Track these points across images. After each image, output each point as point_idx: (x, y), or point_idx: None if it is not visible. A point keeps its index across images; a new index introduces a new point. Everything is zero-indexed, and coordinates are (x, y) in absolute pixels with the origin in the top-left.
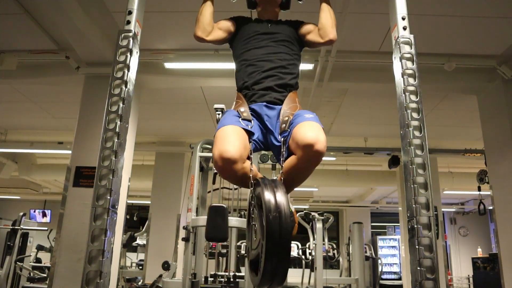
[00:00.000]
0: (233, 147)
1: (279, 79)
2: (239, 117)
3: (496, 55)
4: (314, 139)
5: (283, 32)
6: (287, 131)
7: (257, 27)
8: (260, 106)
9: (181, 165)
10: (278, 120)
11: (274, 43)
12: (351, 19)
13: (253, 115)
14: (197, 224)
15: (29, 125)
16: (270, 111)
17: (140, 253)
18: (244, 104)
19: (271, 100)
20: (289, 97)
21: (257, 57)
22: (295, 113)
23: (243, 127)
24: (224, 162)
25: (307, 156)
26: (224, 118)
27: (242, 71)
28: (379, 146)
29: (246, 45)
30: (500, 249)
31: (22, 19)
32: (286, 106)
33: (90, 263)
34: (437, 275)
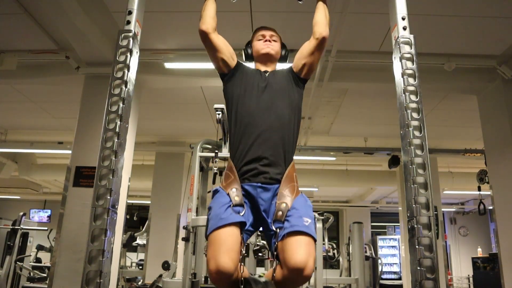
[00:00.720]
0: (229, 259)
1: (275, 146)
2: (229, 204)
3: (496, 55)
4: (302, 264)
5: (282, 80)
6: (281, 222)
7: (254, 76)
8: (254, 187)
9: (181, 165)
10: (273, 201)
11: (272, 97)
12: (351, 19)
13: (246, 195)
14: (197, 224)
15: (29, 125)
16: (265, 194)
17: (140, 253)
18: (235, 181)
19: (266, 181)
20: (287, 175)
21: (252, 116)
22: (293, 203)
23: (235, 220)
24: (221, 276)
25: (292, 277)
26: (215, 209)
27: (235, 133)
28: (379, 146)
29: (240, 98)
30: (500, 249)
31: (22, 19)
32: (284, 188)
33: (90, 263)
34: (437, 275)
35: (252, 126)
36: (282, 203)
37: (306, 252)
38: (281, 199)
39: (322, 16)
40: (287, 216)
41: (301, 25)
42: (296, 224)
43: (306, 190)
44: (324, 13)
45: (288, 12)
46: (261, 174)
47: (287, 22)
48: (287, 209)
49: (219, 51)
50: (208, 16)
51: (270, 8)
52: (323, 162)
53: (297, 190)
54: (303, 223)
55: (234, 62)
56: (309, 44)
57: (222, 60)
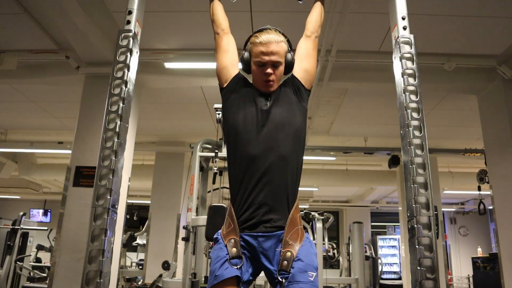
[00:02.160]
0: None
1: (277, 190)
2: (226, 258)
3: (496, 55)
4: None
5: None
6: (287, 272)
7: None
8: (254, 237)
9: (181, 165)
10: (277, 249)
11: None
12: (351, 19)
13: (245, 246)
14: (197, 223)
15: (29, 125)
16: (267, 242)
17: (140, 252)
18: (234, 231)
19: (267, 230)
20: (290, 220)
21: (252, 153)
22: (298, 252)
23: (231, 275)
24: None
25: None
26: (213, 263)
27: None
28: (379, 146)
29: (239, 130)
30: (500, 249)
31: (22, 19)
32: (288, 235)
33: (90, 263)
34: (437, 274)
35: (252, 169)
36: (288, 251)
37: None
38: (286, 247)
39: (318, 16)
40: (293, 267)
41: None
42: (301, 281)
43: (306, 190)
44: (320, 14)
45: (288, 12)
46: (262, 224)
47: (287, 22)
48: (292, 259)
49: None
50: (219, 18)
51: (270, 8)
52: (323, 162)
53: (302, 233)
54: (308, 278)
55: (235, 72)
56: (305, 44)
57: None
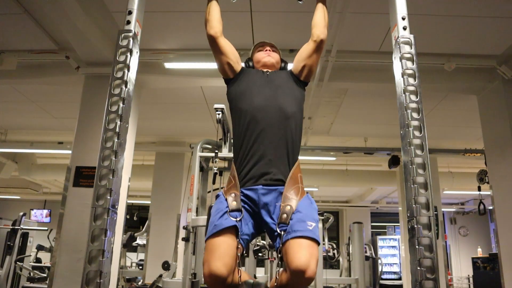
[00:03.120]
0: (221, 264)
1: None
2: (226, 210)
3: (496, 55)
4: (304, 266)
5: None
6: (286, 224)
7: (255, 75)
8: (255, 192)
9: (181, 165)
10: (277, 203)
11: (273, 91)
12: (351, 19)
13: (246, 200)
14: (197, 224)
15: (29, 125)
16: (268, 196)
17: (140, 253)
18: (235, 187)
19: (267, 183)
20: (291, 176)
21: (253, 111)
22: (298, 206)
23: (229, 224)
24: (213, 280)
25: (295, 279)
26: (213, 216)
27: (238, 132)
28: (379, 146)
29: (242, 96)
30: (500, 249)
31: (22, 19)
32: (288, 190)
33: (90, 263)
34: (437, 275)
35: (255, 122)
36: (287, 205)
37: (308, 254)
38: (285, 202)
39: (321, 17)
40: (291, 219)
41: (301, 25)
42: (299, 229)
43: (306, 190)
44: (323, 15)
45: (288, 12)
46: (263, 177)
47: (287, 22)
48: (291, 212)
49: (225, 55)
50: (214, 20)
51: (270, 8)
52: (323, 162)
53: (302, 191)
54: (307, 227)
55: (239, 67)
56: (307, 47)
57: (227, 64)
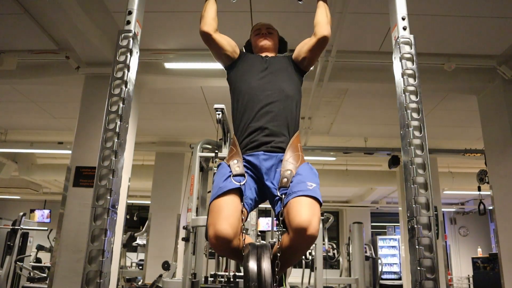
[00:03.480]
0: (227, 225)
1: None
2: (230, 175)
3: (496, 55)
4: (306, 223)
5: (281, 63)
6: (286, 188)
7: (255, 60)
8: (256, 157)
9: (181, 165)
10: (277, 169)
11: (272, 74)
12: (351, 19)
13: (248, 166)
14: (197, 224)
15: (29, 125)
16: (268, 161)
17: (140, 253)
18: (237, 154)
19: (268, 149)
20: (291, 144)
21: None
22: (297, 170)
23: (234, 187)
24: (219, 241)
25: (298, 239)
26: (216, 181)
27: (237, 110)
28: (379, 146)
29: (242, 77)
30: (500, 249)
31: (22, 19)
32: (288, 157)
33: (90, 263)
34: (437, 275)
35: (254, 101)
36: (287, 170)
37: (310, 212)
38: (285, 167)
39: (323, 15)
40: (292, 182)
41: (301, 25)
42: (300, 190)
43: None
44: (325, 13)
45: (288, 12)
46: (263, 145)
47: (287, 22)
48: (291, 176)
49: (222, 49)
50: (209, 17)
51: (270, 8)
52: (323, 162)
53: (302, 159)
54: (307, 187)
55: (237, 54)
56: (310, 41)
57: (225, 55)
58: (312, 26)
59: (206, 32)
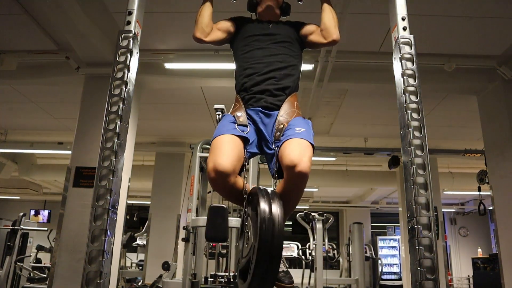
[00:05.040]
0: (227, 159)
1: (277, 82)
2: (235, 123)
3: (496, 55)
4: (296, 160)
5: (284, 33)
6: (280, 140)
7: (257, 28)
8: (256, 112)
9: (181, 165)
10: (274, 126)
11: (274, 44)
12: (351, 19)
13: (250, 119)
14: (197, 224)
15: (29, 125)
16: (266, 118)
17: (140, 253)
18: (241, 108)
19: (267, 106)
20: (287, 101)
21: (256, 59)
22: (290, 122)
23: (239, 134)
24: (217, 175)
25: (291, 177)
26: (220, 125)
27: (241, 73)
28: (379, 146)
29: (245, 47)
30: (500, 249)
31: (22, 19)
32: (283, 112)
33: (90, 263)
34: (437, 275)
35: (256, 68)
36: (280, 124)
37: (299, 150)
38: (279, 121)
39: (330, 18)
40: (284, 132)
41: None
42: (290, 134)
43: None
44: (332, 15)
45: None
46: (263, 100)
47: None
48: (284, 129)
49: (219, 41)
50: (202, 23)
51: None
52: (323, 162)
53: (297, 114)
54: (295, 132)
55: (234, 29)
56: (318, 38)
57: (225, 40)
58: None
59: (199, 39)
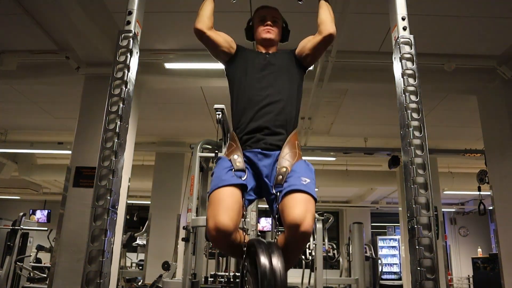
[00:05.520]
0: (228, 217)
1: (276, 116)
2: (231, 169)
3: (496, 55)
4: (299, 220)
5: (282, 61)
6: (282, 185)
7: (255, 58)
8: (254, 154)
9: (181, 165)
10: (274, 167)
11: (272, 75)
12: (351, 19)
13: (247, 162)
14: (197, 224)
15: (29, 125)
16: (266, 160)
17: (140, 253)
18: (237, 149)
19: (267, 147)
20: (288, 141)
21: (253, 92)
22: (293, 167)
23: (237, 182)
24: (219, 234)
25: (293, 235)
26: (217, 172)
27: (237, 108)
28: (379, 146)
29: (241, 78)
30: (500, 249)
31: (22, 19)
32: (285, 154)
33: (90, 263)
34: (437, 275)
35: (253, 101)
36: (282, 167)
37: (303, 208)
38: (281, 164)
39: (327, 14)
40: (287, 179)
41: (301, 25)
42: (293, 184)
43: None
44: (328, 11)
45: (288, 12)
46: (262, 140)
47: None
48: (287, 173)
49: (217, 46)
50: (204, 16)
51: None
52: (323, 162)
53: (299, 156)
54: (301, 182)
55: (234, 50)
56: (314, 39)
57: (222, 52)
58: (313, 26)
59: (199, 29)
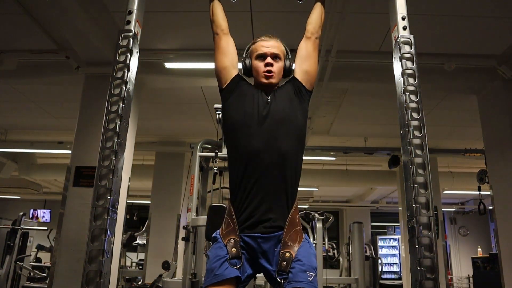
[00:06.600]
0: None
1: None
2: (226, 258)
3: (496, 55)
4: None
5: (285, 103)
6: (286, 272)
7: (255, 101)
8: (254, 238)
9: (181, 165)
10: (276, 249)
11: (271, 127)
12: (351, 19)
13: (245, 247)
14: (197, 224)
15: (29, 125)
16: (266, 243)
17: (140, 253)
18: (234, 231)
19: (267, 231)
20: (289, 221)
21: (251, 152)
22: (297, 253)
23: (230, 276)
24: None
25: None
26: (211, 261)
27: (233, 168)
28: (379, 146)
29: (239, 129)
30: (500, 249)
31: (22, 19)
32: (287, 236)
33: (90, 263)
34: (437, 275)
35: (253, 167)
36: (286, 252)
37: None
38: (285, 248)
39: (318, 17)
40: (291, 267)
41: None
42: (299, 280)
43: (306, 190)
44: (320, 15)
45: (288, 12)
46: (261, 224)
47: (287, 22)
48: (291, 260)
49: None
50: (219, 19)
51: (270, 8)
52: (323, 162)
53: (301, 234)
54: (307, 278)
55: (231, 76)
56: (304, 45)
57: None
58: None
59: (219, 33)
